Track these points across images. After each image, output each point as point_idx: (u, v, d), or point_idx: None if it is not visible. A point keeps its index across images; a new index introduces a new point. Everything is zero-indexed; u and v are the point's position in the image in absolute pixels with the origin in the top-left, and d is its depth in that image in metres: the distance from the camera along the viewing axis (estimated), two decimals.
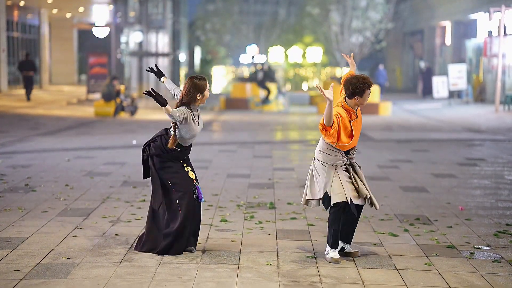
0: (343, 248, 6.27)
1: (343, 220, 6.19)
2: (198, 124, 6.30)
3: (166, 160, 6.28)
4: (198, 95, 6.21)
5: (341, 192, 6.08)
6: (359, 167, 6.26)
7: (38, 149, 13.95)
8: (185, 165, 6.32)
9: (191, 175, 6.29)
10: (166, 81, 6.55)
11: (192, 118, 6.21)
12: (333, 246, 6.15)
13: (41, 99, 29.47)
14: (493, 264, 6.12)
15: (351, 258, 6.18)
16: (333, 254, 6.13)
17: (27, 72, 28.41)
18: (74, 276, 5.56)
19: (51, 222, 7.41)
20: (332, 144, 6.12)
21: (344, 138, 6.06)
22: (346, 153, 6.18)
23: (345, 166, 6.18)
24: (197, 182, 6.33)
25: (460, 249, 6.58)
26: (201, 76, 6.35)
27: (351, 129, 6.09)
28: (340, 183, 6.11)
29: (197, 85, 6.21)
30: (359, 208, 6.20)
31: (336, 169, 6.16)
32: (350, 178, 6.15)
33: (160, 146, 6.26)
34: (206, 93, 6.28)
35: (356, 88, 6.09)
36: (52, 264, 5.85)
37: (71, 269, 5.73)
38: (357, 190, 6.12)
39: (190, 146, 6.39)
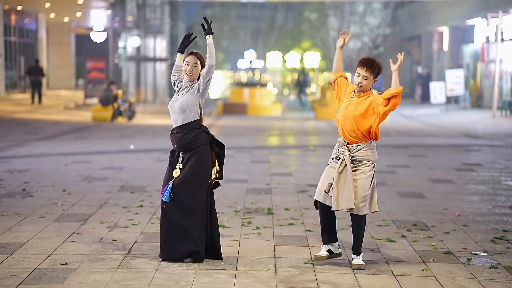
0: (352, 258, 6.16)
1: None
2: (177, 100, 6.10)
3: (171, 149, 6.23)
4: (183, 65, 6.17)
5: (318, 187, 6.14)
6: (350, 164, 5.97)
7: (36, 154, 13.94)
8: (179, 161, 6.09)
9: (176, 173, 6.08)
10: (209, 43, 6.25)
11: (177, 87, 6.20)
12: (323, 242, 6.19)
13: (37, 103, 29.46)
14: (490, 270, 6.13)
15: (349, 264, 6.18)
16: (320, 252, 6.17)
17: (35, 77, 28.96)
18: (71, 281, 5.55)
19: (48, 227, 7.41)
20: None
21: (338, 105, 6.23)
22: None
23: (337, 161, 6.07)
24: (172, 182, 6.02)
25: (457, 255, 6.58)
26: (195, 51, 6.25)
27: (340, 105, 6.15)
28: (322, 179, 6.13)
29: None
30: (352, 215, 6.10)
31: (329, 162, 6.16)
32: (334, 176, 6.01)
33: None
34: (188, 59, 6.09)
35: (359, 60, 6.15)
36: (49, 270, 5.84)
37: (68, 274, 5.73)
38: (329, 187, 6.03)
39: (180, 133, 6.07)
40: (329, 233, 6.15)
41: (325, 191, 6.04)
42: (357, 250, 6.09)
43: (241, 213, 8.40)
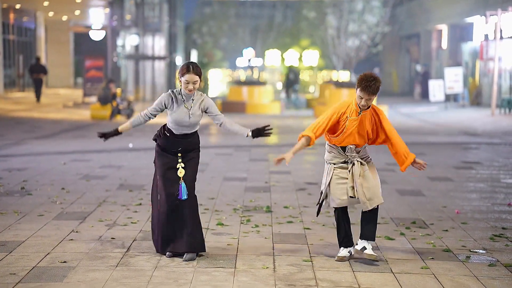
0: (364, 248, 6.22)
1: (362, 217, 6.22)
2: (189, 117, 6.12)
3: (162, 148, 6.26)
4: (179, 79, 6.16)
5: (335, 195, 6.16)
6: (365, 164, 6.20)
7: (34, 153, 13.93)
8: (179, 160, 6.20)
9: (180, 173, 6.18)
10: (126, 127, 6.48)
11: (173, 104, 6.15)
12: (340, 245, 6.28)
13: (37, 102, 29.47)
14: (489, 267, 6.13)
15: (347, 262, 6.18)
16: (340, 253, 6.23)
17: (37, 74, 29.34)
18: (70, 279, 5.55)
19: (47, 225, 7.41)
20: (327, 140, 6.29)
21: (335, 133, 6.20)
22: (344, 149, 6.18)
23: (345, 164, 6.16)
24: (184, 181, 6.15)
25: (456, 253, 6.59)
26: (192, 62, 6.20)
27: (343, 125, 6.13)
28: (335, 184, 6.17)
29: (180, 68, 6.19)
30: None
31: (334, 168, 6.19)
32: (346, 178, 6.14)
33: (158, 130, 6.35)
34: (188, 78, 6.05)
35: (358, 81, 6.07)
36: (48, 268, 5.84)
37: (67, 272, 5.72)
38: (353, 191, 6.14)
39: (185, 139, 6.21)
40: (350, 236, 6.27)
41: (350, 197, 6.13)
42: (373, 237, 6.20)
43: (240, 211, 8.40)
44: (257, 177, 11.09)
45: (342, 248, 6.27)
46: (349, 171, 6.16)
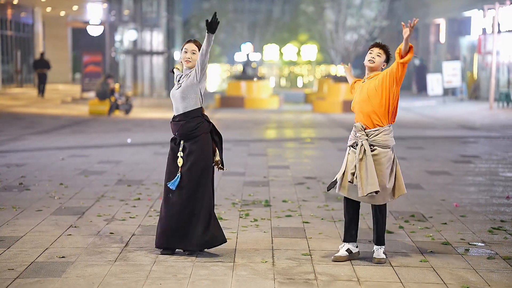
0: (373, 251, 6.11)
1: (372, 219, 6.07)
2: (178, 87, 6.14)
3: (171, 138, 6.23)
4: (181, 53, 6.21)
5: (340, 182, 6.04)
6: (370, 150, 5.87)
7: (32, 148, 13.92)
8: (180, 149, 6.10)
9: (179, 162, 6.08)
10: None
11: (177, 79, 6.22)
12: (343, 239, 6.11)
13: (36, 97, 29.46)
14: (487, 260, 6.13)
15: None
16: (338, 253, 6.06)
17: (41, 69, 29.68)
18: (69, 275, 5.55)
19: (46, 220, 7.40)
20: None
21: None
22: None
23: (355, 146, 5.97)
24: (180, 172, 6.03)
25: (455, 246, 6.59)
26: (194, 39, 6.27)
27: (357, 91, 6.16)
28: (343, 169, 6.02)
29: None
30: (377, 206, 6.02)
31: (348, 153, 6.04)
32: (356, 163, 5.90)
33: None
34: (187, 46, 6.15)
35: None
36: (47, 263, 5.83)
37: (66, 267, 5.72)
38: (352, 177, 5.91)
39: (181, 121, 6.08)
40: (352, 231, 6.07)
41: (349, 182, 5.93)
42: (378, 240, 6.02)
43: (239, 205, 8.39)
44: (255, 172, 11.08)
45: (341, 246, 6.09)
46: (357, 157, 5.92)
